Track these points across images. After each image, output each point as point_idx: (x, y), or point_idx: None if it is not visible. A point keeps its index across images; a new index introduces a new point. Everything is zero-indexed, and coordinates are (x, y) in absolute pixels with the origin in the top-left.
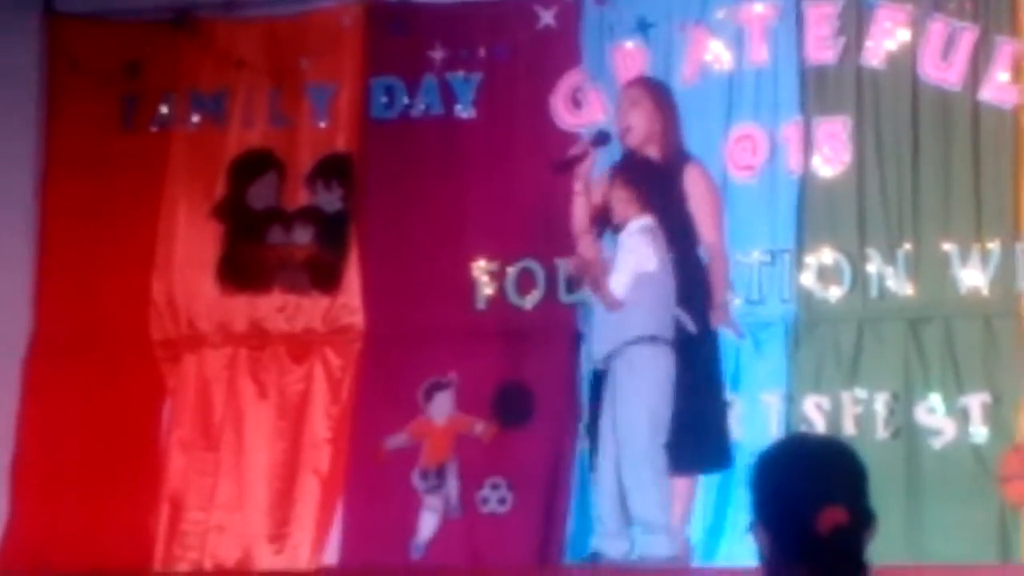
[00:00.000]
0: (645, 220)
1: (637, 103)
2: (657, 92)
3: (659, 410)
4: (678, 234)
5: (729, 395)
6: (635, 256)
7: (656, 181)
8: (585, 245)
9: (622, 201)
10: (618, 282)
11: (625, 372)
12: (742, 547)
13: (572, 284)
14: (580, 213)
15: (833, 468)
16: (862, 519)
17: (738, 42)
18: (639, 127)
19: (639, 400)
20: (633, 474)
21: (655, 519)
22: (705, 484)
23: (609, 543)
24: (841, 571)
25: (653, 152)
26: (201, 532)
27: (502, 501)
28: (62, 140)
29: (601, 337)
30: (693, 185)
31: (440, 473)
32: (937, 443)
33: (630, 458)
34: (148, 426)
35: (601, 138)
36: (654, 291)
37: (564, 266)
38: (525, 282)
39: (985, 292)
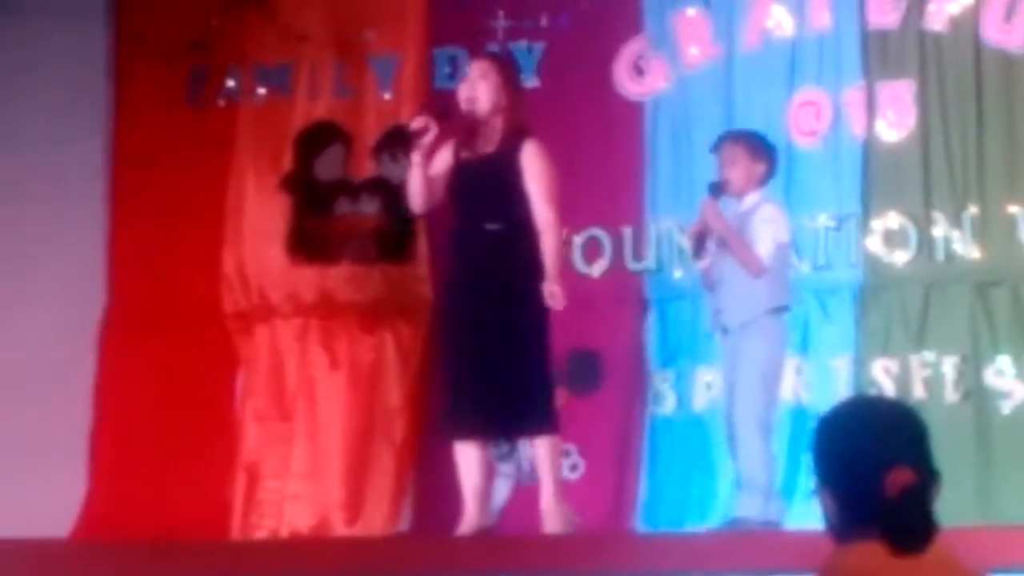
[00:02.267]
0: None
1: (485, 76)
2: (506, 69)
3: (774, 376)
4: (504, 208)
5: (797, 359)
6: (775, 226)
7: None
8: (710, 209)
9: None
10: (765, 250)
11: (756, 338)
12: (814, 510)
13: (697, 249)
14: (415, 182)
15: (898, 429)
16: (929, 479)
17: (800, 7)
18: (484, 99)
19: (763, 366)
20: (748, 436)
21: (760, 481)
22: (775, 447)
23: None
24: (912, 531)
25: (497, 125)
26: (277, 501)
27: (574, 468)
28: (130, 115)
29: (739, 304)
30: (529, 161)
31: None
32: (1006, 405)
33: (746, 420)
34: (222, 397)
35: None
36: (785, 261)
37: (686, 229)
38: (592, 250)
39: None
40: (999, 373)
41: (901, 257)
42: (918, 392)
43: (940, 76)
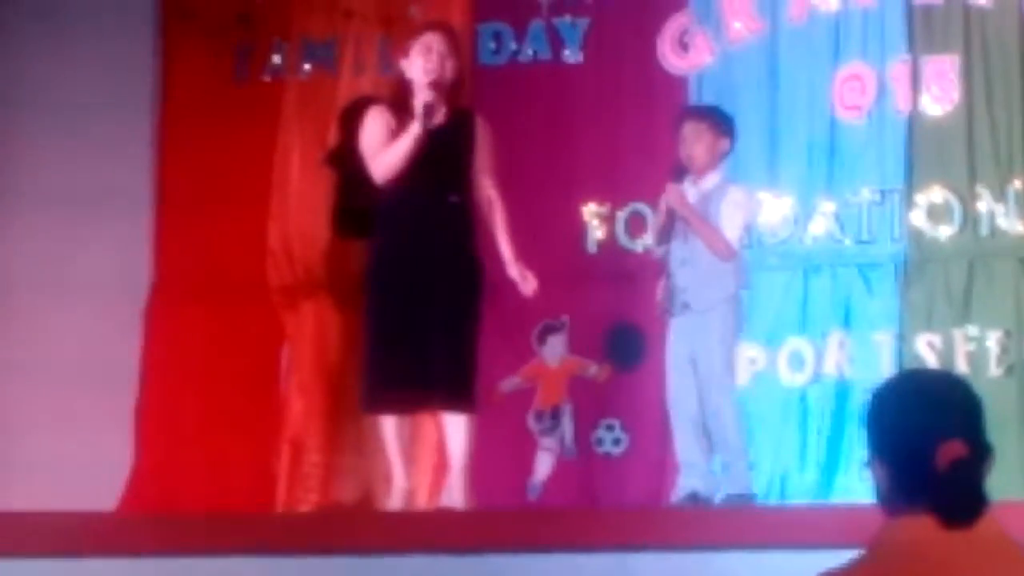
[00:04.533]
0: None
1: (431, 48)
2: (455, 41)
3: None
4: (463, 181)
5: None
6: (744, 211)
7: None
8: (675, 194)
9: None
10: (734, 234)
11: (723, 319)
12: (857, 484)
13: (664, 233)
14: (406, 154)
15: (950, 402)
16: (981, 452)
17: None
18: (452, 71)
19: (730, 345)
20: (727, 413)
21: (738, 455)
22: (818, 421)
23: (702, 482)
24: (962, 505)
25: (460, 97)
26: (322, 475)
27: (617, 442)
28: (177, 91)
29: (707, 286)
30: (482, 136)
31: (555, 415)
32: None
33: (723, 396)
34: (268, 370)
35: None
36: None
37: (658, 209)
38: (635, 225)
39: None
40: None
41: (945, 231)
42: (961, 367)
43: (984, 50)
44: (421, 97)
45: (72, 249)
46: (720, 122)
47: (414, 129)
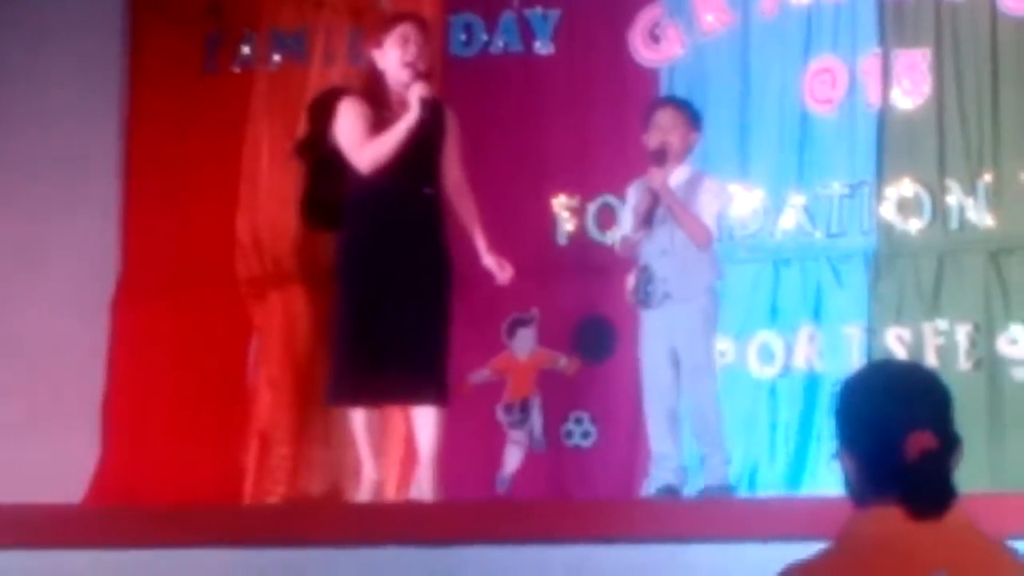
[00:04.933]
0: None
1: (408, 39)
2: (426, 32)
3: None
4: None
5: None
6: (720, 201)
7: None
8: (661, 179)
9: None
10: (711, 223)
11: (701, 309)
12: (826, 476)
13: (646, 219)
14: (395, 146)
15: (920, 393)
16: (950, 443)
17: None
18: (425, 61)
19: (710, 333)
20: (710, 404)
21: (718, 447)
22: (787, 414)
23: (674, 475)
24: (931, 496)
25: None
26: (290, 467)
27: (586, 435)
28: (145, 82)
29: (687, 275)
30: (452, 128)
31: (524, 407)
32: (1019, 374)
33: (708, 388)
34: (236, 363)
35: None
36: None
37: (632, 198)
38: (605, 218)
39: None
40: (1012, 341)
41: (915, 225)
42: (931, 360)
43: (956, 44)
44: (416, 90)
45: (39, 241)
46: (693, 115)
47: (408, 120)
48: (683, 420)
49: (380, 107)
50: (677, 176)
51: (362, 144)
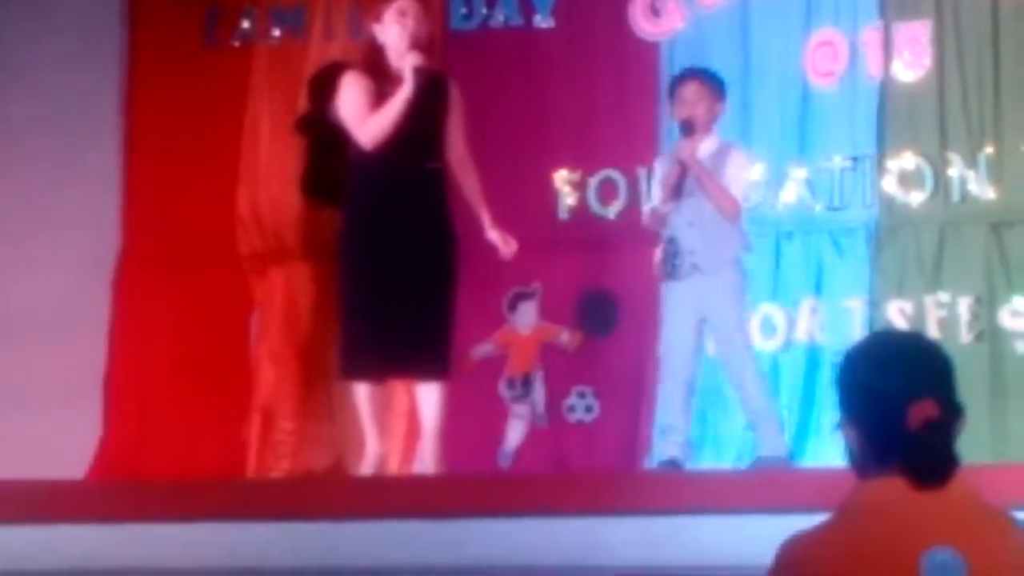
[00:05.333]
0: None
1: (405, 13)
2: (423, 2)
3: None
4: (440, 147)
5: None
6: (747, 172)
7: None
8: (689, 150)
9: None
10: (739, 194)
11: (732, 280)
12: (829, 446)
13: (675, 190)
14: (395, 118)
15: (922, 363)
16: (952, 413)
17: None
18: (426, 35)
19: (741, 306)
20: (750, 374)
21: (773, 416)
22: (790, 384)
23: (679, 449)
24: (933, 465)
25: (432, 62)
26: (293, 442)
27: (588, 409)
28: (145, 56)
29: (716, 246)
30: (455, 102)
31: (526, 382)
32: (1021, 346)
33: (746, 357)
34: (237, 338)
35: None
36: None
37: (659, 170)
38: (607, 191)
39: None
40: (1014, 314)
41: (916, 198)
42: (932, 333)
43: (956, 16)
44: (409, 60)
45: (40, 215)
46: (718, 85)
47: (405, 92)
48: (696, 393)
49: (382, 81)
50: (705, 147)
51: (364, 119)
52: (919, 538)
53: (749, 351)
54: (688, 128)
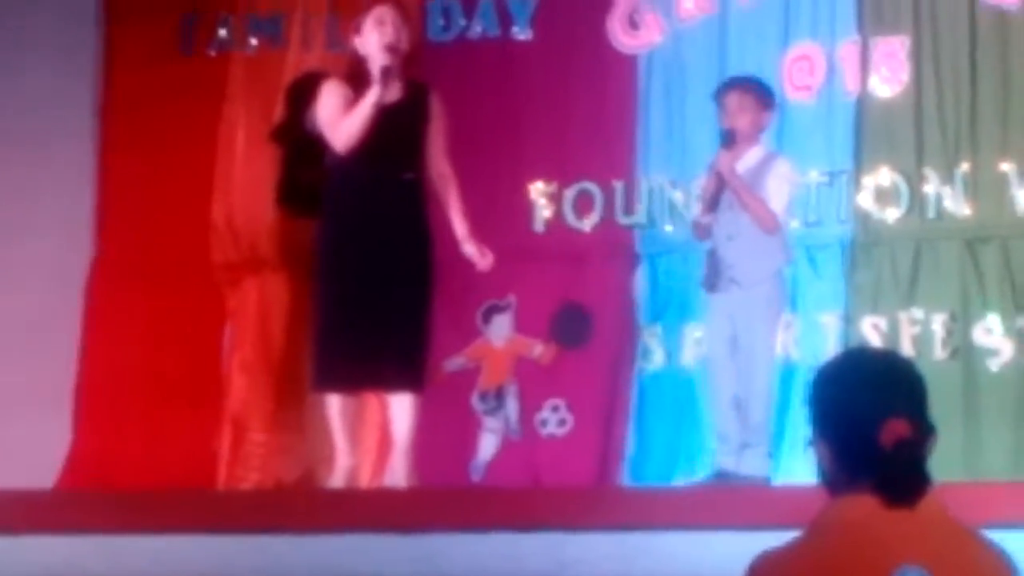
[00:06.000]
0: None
1: (383, 22)
2: (406, 15)
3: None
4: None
5: (787, 315)
6: (789, 184)
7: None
8: (726, 162)
9: None
10: (779, 207)
11: (768, 295)
12: (801, 465)
13: (713, 202)
14: (364, 121)
15: (894, 381)
16: (924, 431)
17: None
18: (406, 43)
19: (773, 322)
20: (762, 390)
21: (762, 438)
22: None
23: (733, 460)
24: (905, 484)
25: (413, 72)
26: (263, 454)
27: (561, 423)
28: (120, 64)
29: (754, 260)
30: (437, 113)
31: (499, 395)
32: (995, 364)
33: (764, 372)
34: (210, 349)
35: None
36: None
37: (702, 183)
38: (583, 204)
39: None
40: (988, 331)
41: (892, 214)
42: (906, 349)
43: (934, 32)
44: (378, 61)
45: (13, 224)
46: (764, 94)
47: (373, 94)
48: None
49: (362, 91)
50: (750, 158)
51: (338, 123)
52: (890, 556)
53: (770, 369)
54: (728, 139)
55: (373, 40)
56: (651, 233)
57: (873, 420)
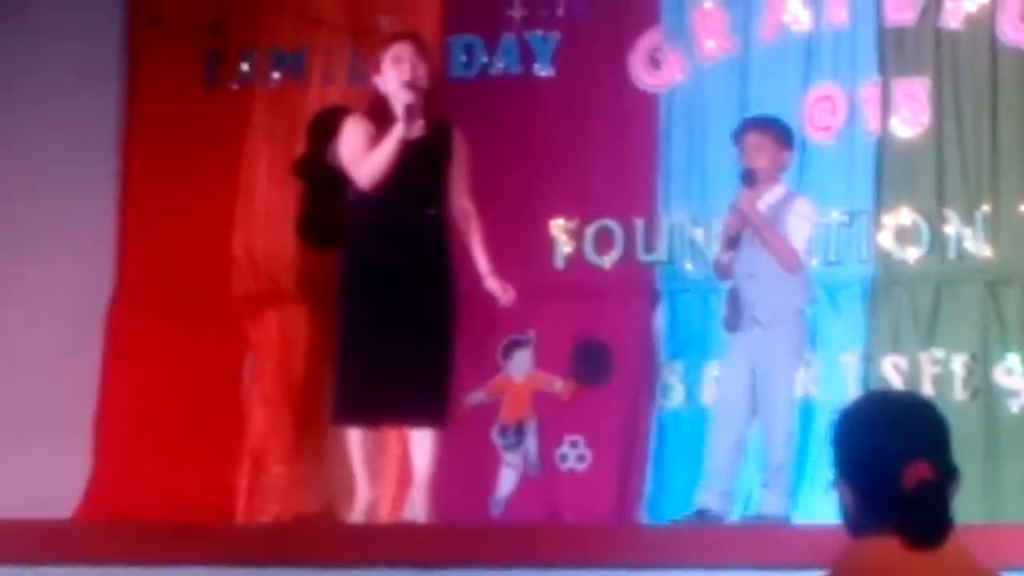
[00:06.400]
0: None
1: (400, 59)
2: (426, 51)
3: (796, 372)
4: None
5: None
6: (810, 222)
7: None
8: (748, 200)
9: None
10: (800, 245)
11: (789, 334)
12: (821, 505)
13: (733, 241)
14: (388, 158)
15: (917, 423)
16: (947, 474)
17: (817, 2)
18: (425, 79)
19: (795, 361)
20: (785, 430)
21: (781, 478)
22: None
23: (718, 501)
24: (928, 526)
25: (435, 108)
26: (283, 486)
27: (581, 459)
28: (144, 97)
29: (774, 298)
30: (459, 149)
31: (519, 430)
32: (1015, 404)
33: (785, 413)
34: (230, 380)
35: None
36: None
37: (724, 222)
38: (603, 241)
39: None
40: (1008, 372)
41: (912, 254)
42: (927, 389)
43: (955, 74)
44: (401, 99)
45: (35, 254)
46: (782, 133)
47: (397, 131)
48: (748, 453)
49: (385, 127)
50: (770, 197)
51: (361, 160)
52: None
53: (790, 408)
54: (749, 178)
55: (392, 78)
56: (671, 270)
57: (896, 462)
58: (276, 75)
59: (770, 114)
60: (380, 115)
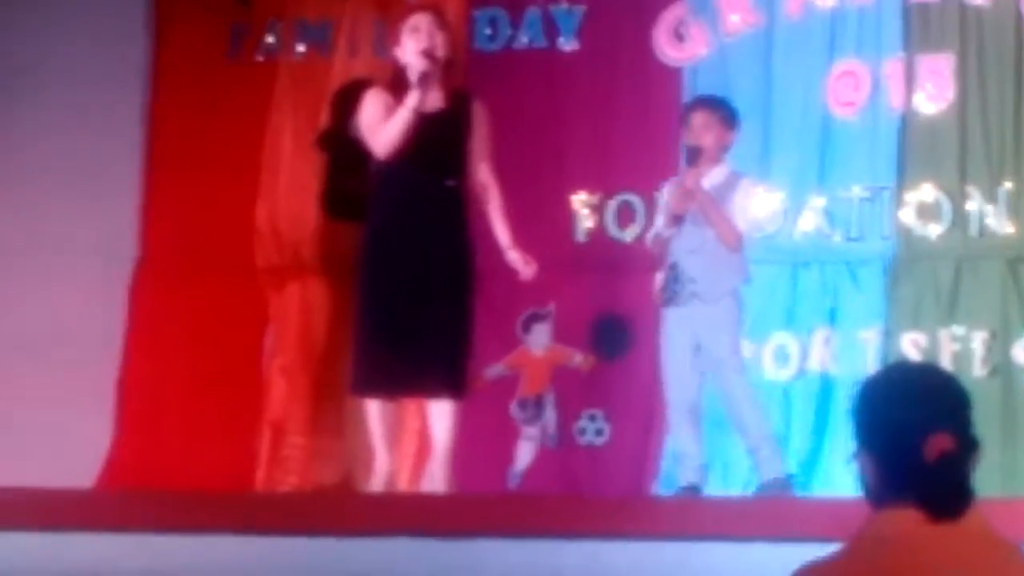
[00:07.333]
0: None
1: (417, 29)
2: (445, 22)
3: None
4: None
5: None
6: (755, 204)
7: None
8: (691, 178)
9: None
10: (744, 224)
11: (731, 309)
12: (839, 476)
13: (677, 218)
14: (403, 127)
15: (938, 395)
16: (968, 446)
17: None
18: (444, 49)
19: (735, 333)
20: (747, 401)
21: (763, 439)
22: (802, 414)
23: (696, 474)
24: (949, 498)
25: (455, 80)
26: (302, 457)
27: (599, 432)
28: (169, 67)
29: (717, 275)
30: (479, 121)
31: (538, 403)
32: None
33: (741, 385)
34: (251, 350)
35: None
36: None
37: (665, 196)
38: (625, 215)
39: None
40: None
41: (934, 230)
42: (946, 366)
43: (980, 50)
44: (416, 67)
45: (59, 222)
46: (729, 114)
47: (411, 99)
48: (704, 418)
49: (403, 98)
50: (714, 176)
51: (377, 129)
52: (933, 570)
53: (743, 378)
54: (693, 156)
55: (410, 47)
56: None
57: (917, 434)
58: (301, 47)
59: (718, 94)
60: (400, 86)
